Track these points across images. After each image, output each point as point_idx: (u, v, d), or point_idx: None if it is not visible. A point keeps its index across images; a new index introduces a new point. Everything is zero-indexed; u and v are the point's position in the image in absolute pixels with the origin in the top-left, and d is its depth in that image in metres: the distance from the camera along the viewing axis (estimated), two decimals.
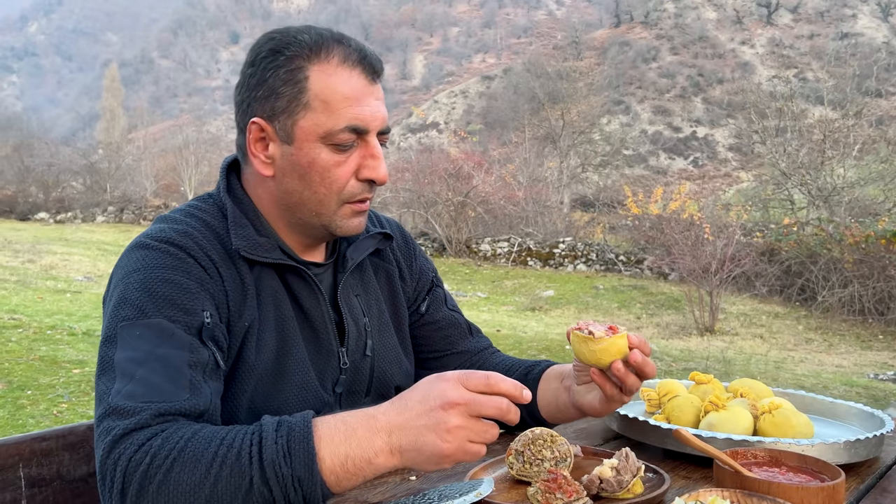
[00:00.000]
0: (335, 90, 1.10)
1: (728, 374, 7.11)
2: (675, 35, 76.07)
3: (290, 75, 1.10)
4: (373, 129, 1.13)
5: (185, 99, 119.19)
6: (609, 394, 1.13)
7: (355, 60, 1.12)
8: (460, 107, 71.80)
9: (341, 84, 1.10)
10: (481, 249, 17.94)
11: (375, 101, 1.13)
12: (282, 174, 1.13)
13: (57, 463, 1.34)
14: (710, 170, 58.09)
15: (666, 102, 66.23)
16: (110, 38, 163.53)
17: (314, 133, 1.10)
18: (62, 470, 1.34)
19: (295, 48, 1.11)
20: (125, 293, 1.04)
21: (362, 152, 1.13)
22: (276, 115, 1.11)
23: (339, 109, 1.09)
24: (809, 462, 0.96)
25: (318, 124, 1.10)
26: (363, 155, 1.13)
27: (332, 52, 1.11)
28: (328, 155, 1.11)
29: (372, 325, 1.27)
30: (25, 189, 28.06)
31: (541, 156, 27.14)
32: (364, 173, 1.13)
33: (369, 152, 1.13)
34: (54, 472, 1.33)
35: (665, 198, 17.87)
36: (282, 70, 1.10)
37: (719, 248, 11.43)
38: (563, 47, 78.79)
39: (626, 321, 11.80)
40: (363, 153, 1.13)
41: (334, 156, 1.11)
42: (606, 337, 1.07)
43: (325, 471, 0.91)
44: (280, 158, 1.13)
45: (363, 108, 1.11)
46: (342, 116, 1.09)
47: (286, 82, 1.10)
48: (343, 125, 1.09)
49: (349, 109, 1.10)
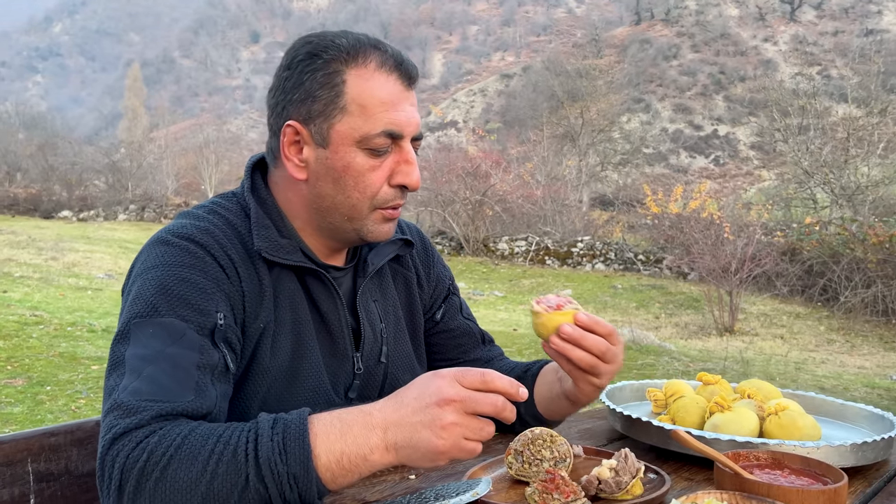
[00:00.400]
0: (372, 94, 1.10)
1: (746, 374, 7.03)
2: (696, 32, 75.43)
3: (327, 79, 1.10)
4: (407, 134, 1.13)
5: (205, 98, 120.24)
6: (567, 370, 1.14)
7: (392, 66, 1.13)
8: (479, 105, 71.74)
9: (378, 88, 1.10)
10: (499, 248, 17.91)
11: (410, 107, 1.14)
12: (315, 178, 1.13)
13: (65, 458, 1.35)
14: (732, 168, 57.57)
15: (687, 100, 65.71)
16: (133, 38, 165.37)
17: (350, 137, 1.10)
18: (70, 465, 1.35)
19: (333, 52, 1.11)
20: (141, 290, 1.04)
21: (396, 158, 1.13)
22: (311, 118, 1.11)
23: (376, 114, 1.10)
24: (812, 465, 0.94)
25: (355, 128, 1.10)
26: (397, 160, 1.13)
27: (370, 56, 1.12)
28: (363, 159, 1.11)
29: (388, 331, 1.28)
30: (49, 187, 28.48)
31: (559, 154, 27.03)
32: (397, 179, 1.13)
33: (403, 158, 1.13)
34: (62, 467, 1.34)
35: (685, 196, 17.71)
36: (319, 73, 1.11)
37: (739, 247, 11.31)
38: (582, 45, 78.43)
39: (645, 321, 11.72)
40: (397, 158, 1.13)
41: (369, 160, 1.11)
42: (545, 312, 1.08)
43: (320, 468, 0.91)
44: (314, 162, 1.13)
45: (399, 113, 1.11)
46: (378, 121, 1.10)
47: (323, 86, 1.10)
48: (379, 129, 1.10)
49: (385, 114, 1.10)
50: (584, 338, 1.09)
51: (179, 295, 1.03)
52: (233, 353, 1.07)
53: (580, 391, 1.18)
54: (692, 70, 68.87)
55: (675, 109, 64.76)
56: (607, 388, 1.43)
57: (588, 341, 1.09)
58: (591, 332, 1.10)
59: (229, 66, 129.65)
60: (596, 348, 1.09)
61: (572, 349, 1.09)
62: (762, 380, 1.42)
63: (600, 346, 1.10)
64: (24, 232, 19.15)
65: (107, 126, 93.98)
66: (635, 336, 8.63)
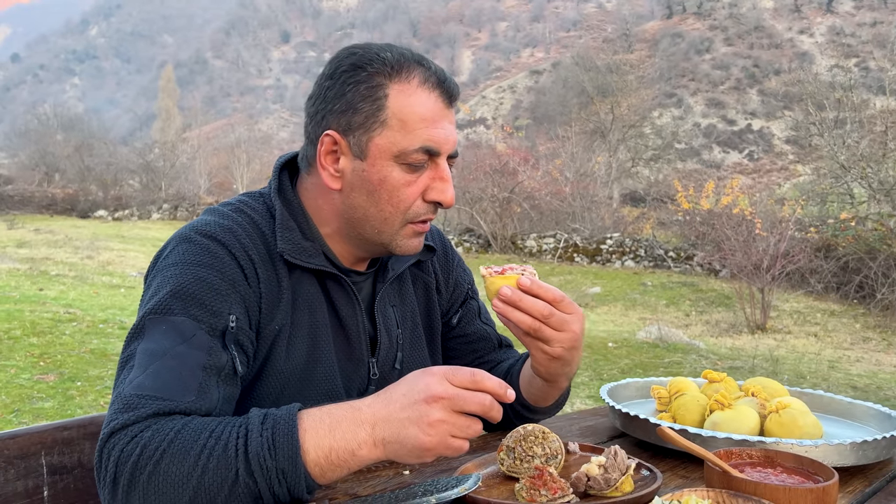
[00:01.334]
0: (413, 110, 1.11)
1: (776, 372, 6.91)
2: (729, 25, 74.29)
3: (370, 91, 1.11)
4: (444, 151, 1.14)
5: (237, 98, 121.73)
6: (518, 337, 1.13)
7: (434, 83, 1.13)
8: (508, 102, 71.51)
9: (419, 105, 1.11)
10: (527, 245, 17.84)
11: (449, 125, 1.14)
12: (350, 188, 1.14)
13: (78, 451, 1.38)
14: (766, 163, 56.63)
15: (720, 95, 64.77)
16: (166, 39, 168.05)
17: (388, 151, 1.11)
18: (83, 458, 1.38)
19: (377, 65, 1.12)
20: (160, 287, 1.07)
21: (432, 174, 1.14)
22: (351, 129, 1.12)
23: (416, 130, 1.10)
24: (806, 463, 0.93)
25: (394, 142, 1.11)
26: (432, 177, 1.14)
27: (413, 72, 1.13)
28: (399, 174, 1.12)
29: (404, 337, 1.28)
30: (86, 188, 29.13)
31: (589, 150, 26.81)
32: (432, 195, 1.14)
33: (439, 175, 1.14)
34: (75, 460, 1.37)
35: (717, 192, 17.46)
36: (362, 86, 1.11)
37: (772, 243, 11.12)
38: (613, 40, 77.66)
39: (675, 318, 11.59)
40: (432, 175, 1.14)
41: (405, 175, 1.12)
42: (489, 276, 1.10)
43: (309, 463, 0.92)
44: (350, 173, 1.14)
45: (438, 131, 1.12)
46: (417, 137, 1.10)
47: (365, 98, 1.11)
48: (417, 145, 1.10)
49: (425, 130, 1.11)
50: (521, 300, 1.08)
51: (194, 295, 1.04)
52: (244, 355, 1.08)
53: (534, 360, 1.17)
54: (725, 64, 67.85)
55: (707, 104, 63.88)
56: (609, 386, 1.42)
57: (525, 303, 1.08)
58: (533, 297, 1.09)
59: (260, 66, 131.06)
60: (536, 311, 1.08)
61: (511, 311, 1.08)
62: (792, 378, 1.40)
63: (541, 309, 1.08)
64: (61, 231, 19.61)
65: (141, 127, 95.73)
66: (663, 333, 8.54)
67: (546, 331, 1.09)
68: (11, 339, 6.08)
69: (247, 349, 1.09)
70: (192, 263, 1.07)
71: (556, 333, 1.10)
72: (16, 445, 1.29)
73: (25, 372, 5.23)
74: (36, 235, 18.44)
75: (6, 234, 18.82)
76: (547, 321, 1.09)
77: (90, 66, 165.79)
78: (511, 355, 1.46)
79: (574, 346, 1.13)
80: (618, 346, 7.91)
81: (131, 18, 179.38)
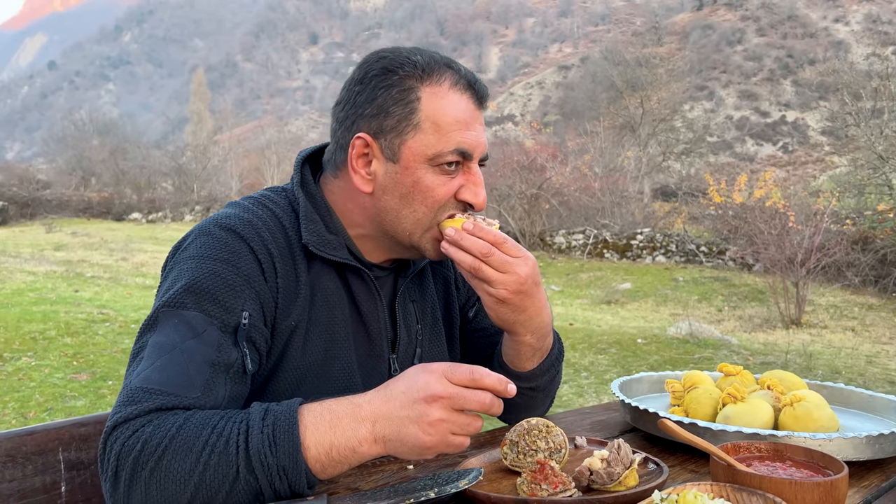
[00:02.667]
0: (446, 113, 1.11)
1: (810, 368, 6.77)
2: (761, 15, 73.01)
3: (402, 95, 1.11)
4: (476, 154, 1.14)
5: (267, 100, 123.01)
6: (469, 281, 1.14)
7: (465, 85, 1.14)
8: (536, 98, 71.17)
9: (452, 107, 1.11)
10: (556, 242, 17.73)
11: (480, 127, 1.15)
12: (382, 191, 1.14)
13: (95, 447, 1.39)
14: (801, 155, 55.55)
15: (752, 86, 63.71)
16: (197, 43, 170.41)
17: (422, 154, 1.11)
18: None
19: (408, 69, 1.12)
20: (175, 280, 1.07)
21: (464, 178, 1.14)
22: (383, 132, 1.12)
23: (449, 132, 1.10)
24: (816, 457, 0.90)
25: (428, 146, 1.10)
26: (465, 180, 1.14)
27: (444, 75, 1.13)
28: (433, 177, 1.12)
29: (424, 332, 1.28)
30: (121, 191, 29.69)
31: (618, 145, 26.54)
32: (465, 196, 1.14)
33: (471, 179, 1.14)
34: (92, 456, 1.38)
35: (750, 185, 17.16)
36: (394, 90, 1.11)
37: (806, 236, 10.89)
38: (642, 33, 76.77)
39: (707, 314, 11.42)
40: (465, 178, 1.14)
41: (438, 177, 1.12)
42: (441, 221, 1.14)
43: (310, 459, 0.92)
44: (382, 176, 1.13)
45: (471, 133, 1.12)
46: (451, 139, 1.10)
47: (397, 102, 1.11)
48: (451, 148, 1.10)
49: (458, 133, 1.11)
50: (462, 238, 1.09)
51: (208, 290, 1.04)
52: (255, 352, 1.07)
53: (484, 305, 1.16)
54: (758, 55, 66.71)
55: (740, 96, 62.89)
56: (622, 380, 1.40)
57: (466, 241, 1.09)
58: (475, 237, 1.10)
59: (289, 68, 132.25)
60: (475, 248, 1.09)
61: (454, 250, 1.10)
62: (826, 373, 1.37)
63: (480, 248, 1.09)
64: (97, 234, 20.02)
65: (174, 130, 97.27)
66: (693, 329, 8.42)
67: (487, 270, 1.09)
68: (46, 340, 6.21)
69: (259, 346, 1.08)
70: (209, 258, 1.07)
71: (498, 275, 1.09)
72: (33, 442, 1.31)
73: (59, 371, 5.34)
74: (72, 238, 18.86)
75: (44, 237, 19.27)
76: (486, 260, 1.09)
77: (124, 72, 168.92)
78: None
79: (520, 290, 1.11)
80: (647, 343, 7.81)
81: (163, 24, 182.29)
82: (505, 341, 1.24)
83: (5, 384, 4.94)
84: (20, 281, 10.57)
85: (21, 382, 5.01)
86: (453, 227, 1.11)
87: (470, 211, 1.14)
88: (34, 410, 4.43)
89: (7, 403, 4.54)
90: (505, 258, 1.09)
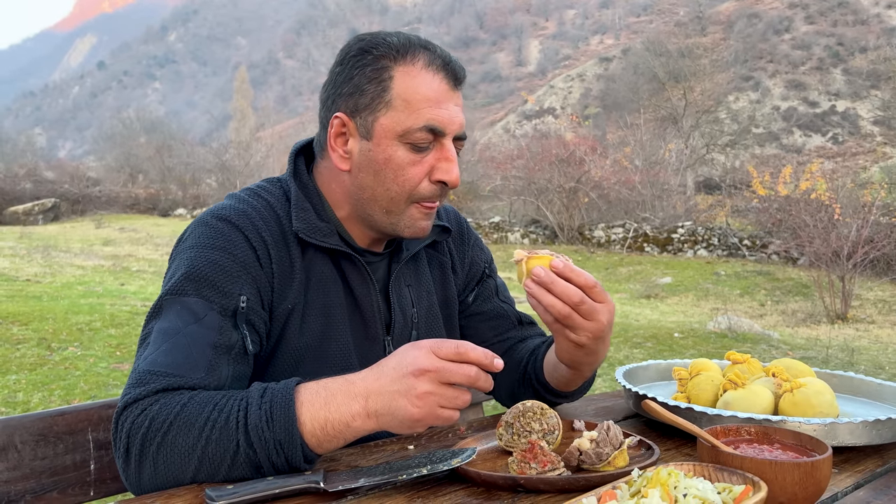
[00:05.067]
0: (417, 91, 1.13)
1: (852, 363, 6.61)
2: (810, 3, 71.01)
3: (375, 74, 1.15)
4: (449, 132, 1.16)
5: (308, 97, 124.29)
6: (547, 323, 1.11)
7: (439, 65, 1.16)
8: (577, 91, 70.46)
9: (424, 86, 1.14)
10: (595, 236, 17.58)
11: (455, 107, 1.16)
12: (357, 169, 1.18)
13: None
14: (852, 146, 53.92)
15: (800, 76, 62.03)
16: (240, 41, 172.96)
17: (393, 131, 1.14)
18: None
19: (383, 49, 1.16)
20: (177, 268, 1.13)
21: (437, 154, 1.16)
22: (358, 111, 1.16)
23: (419, 109, 1.13)
24: (804, 440, 0.91)
25: (398, 122, 1.13)
26: (438, 157, 1.16)
27: (418, 55, 1.16)
28: (404, 153, 1.14)
29: (420, 315, 1.31)
30: (166, 187, 30.36)
31: (660, 138, 26.15)
32: (437, 175, 1.16)
33: (444, 155, 1.16)
34: None
35: (795, 177, 16.75)
36: (368, 69, 1.15)
37: (853, 229, 10.60)
38: (685, 23, 75.35)
39: (749, 308, 11.22)
40: (438, 155, 1.16)
41: (410, 154, 1.14)
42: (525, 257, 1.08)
43: (305, 434, 0.96)
44: (358, 154, 1.17)
45: (442, 111, 1.14)
46: (421, 116, 1.13)
47: (371, 80, 1.14)
48: (421, 124, 1.13)
49: (429, 110, 1.13)
50: (554, 283, 1.06)
51: (207, 277, 1.10)
52: (255, 334, 1.13)
53: (558, 347, 1.16)
54: (806, 43, 64.91)
55: (787, 86, 61.29)
56: (626, 368, 1.41)
57: (558, 287, 1.06)
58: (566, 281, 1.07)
59: (330, 65, 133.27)
60: (567, 296, 1.06)
61: (543, 293, 1.07)
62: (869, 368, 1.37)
63: (572, 296, 1.06)
64: (143, 230, 20.54)
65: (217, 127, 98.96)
66: (731, 323, 8.29)
67: (575, 318, 1.08)
68: (92, 331, 6.43)
69: (258, 329, 1.13)
70: (207, 246, 1.13)
71: (584, 322, 1.08)
72: (64, 422, 1.38)
73: (103, 361, 5.53)
74: (120, 234, 19.39)
75: (94, 233, 19.85)
76: (577, 308, 1.07)
77: (169, 71, 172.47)
78: (534, 332, 1.47)
79: (600, 336, 1.11)
80: (684, 337, 7.72)
81: (207, 23, 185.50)
82: (557, 368, 1.25)
83: (52, 372, 5.13)
84: (69, 275, 10.94)
85: (67, 371, 5.20)
86: (542, 266, 1.07)
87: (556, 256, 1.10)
88: (79, 398, 4.60)
89: (54, 391, 4.73)
90: (594, 306, 1.08)
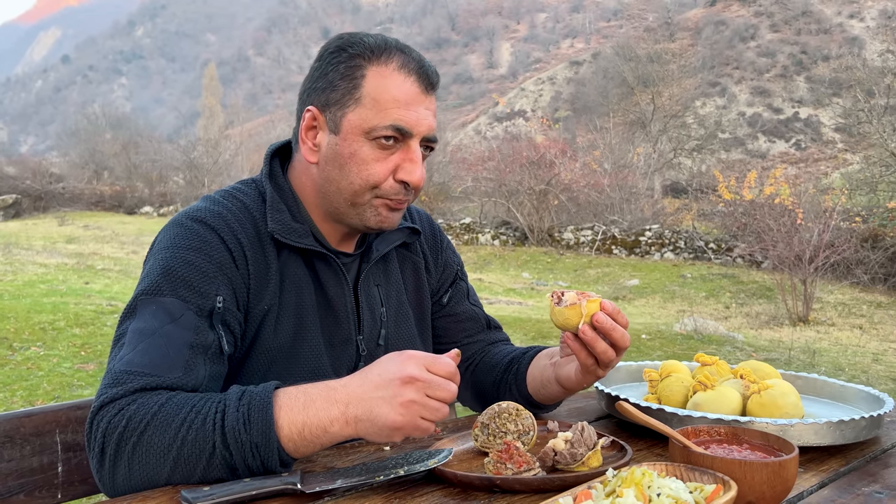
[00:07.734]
0: (388, 91, 1.15)
1: (813, 365, 6.77)
2: (775, 11, 72.40)
3: (348, 71, 1.17)
4: (416, 133, 1.17)
5: (279, 95, 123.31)
6: (583, 362, 1.14)
7: (412, 69, 1.18)
8: (548, 94, 70.93)
9: (395, 87, 1.15)
10: (564, 238, 17.73)
11: (424, 110, 1.18)
12: (325, 162, 1.19)
13: None
14: (815, 152, 55.11)
15: (765, 83, 63.22)
16: (209, 38, 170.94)
17: (359, 127, 1.15)
18: None
19: (358, 48, 1.18)
20: (151, 269, 1.12)
21: (403, 155, 1.17)
22: (329, 106, 1.18)
23: (387, 109, 1.15)
24: (772, 440, 0.93)
25: (365, 119, 1.15)
26: (403, 157, 1.17)
27: (393, 57, 1.17)
28: (369, 150, 1.16)
29: (389, 314, 1.32)
30: (133, 185, 29.89)
31: (629, 141, 26.46)
32: (400, 174, 1.17)
33: (409, 156, 1.17)
34: None
35: (759, 182, 17.08)
36: (342, 66, 1.17)
37: (815, 234, 10.85)
38: (654, 29, 76.27)
39: (714, 311, 11.41)
40: (403, 156, 1.17)
41: (375, 151, 1.16)
42: (578, 301, 1.09)
43: (282, 438, 0.97)
44: (325, 147, 1.18)
45: (410, 113, 1.16)
46: (388, 116, 1.15)
47: (344, 77, 1.17)
48: (387, 123, 1.14)
49: (396, 111, 1.15)
50: (614, 329, 1.10)
51: (183, 277, 1.09)
52: (230, 335, 1.13)
53: (581, 380, 1.19)
54: (771, 51, 66.18)
55: (752, 92, 62.42)
56: None
57: (616, 334, 1.10)
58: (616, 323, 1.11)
59: (301, 63, 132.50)
60: (623, 344, 1.12)
61: (598, 341, 1.11)
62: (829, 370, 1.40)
63: (626, 344, 1.12)
64: (108, 227, 20.20)
65: (185, 124, 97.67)
66: (697, 325, 8.42)
67: (615, 361, 1.14)
68: (55, 330, 6.31)
69: (234, 329, 1.13)
70: (182, 247, 1.12)
71: (617, 360, 1.15)
72: (31, 424, 1.35)
73: (67, 361, 5.43)
74: (84, 231, 19.03)
75: (57, 230, 19.46)
76: (620, 351, 1.13)
77: (137, 66, 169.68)
78: (501, 337, 1.49)
79: (612, 366, 1.17)
80: (651, 339, 7.83)
81: (175, 18, 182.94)
82: (548, 387, 1.28)
83: (14, 373, 5.03)
84: (32, 273, 10.70)
85: (30, 371, 5.10)
86: (603, 314, 1.09)
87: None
88: (42, 399, 4.51)
89: (16, 392, 4.63)
90: (625, 343, 1.13)
